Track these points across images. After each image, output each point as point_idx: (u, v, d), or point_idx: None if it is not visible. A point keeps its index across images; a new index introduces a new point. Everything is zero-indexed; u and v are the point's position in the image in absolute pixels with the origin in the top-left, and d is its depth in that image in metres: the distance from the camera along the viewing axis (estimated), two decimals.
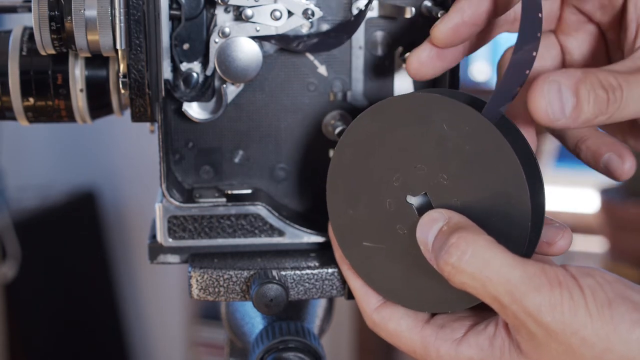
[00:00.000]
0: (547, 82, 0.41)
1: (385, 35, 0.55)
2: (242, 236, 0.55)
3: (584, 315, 0.40)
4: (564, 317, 0.40)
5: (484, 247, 0.42)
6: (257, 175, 0.57)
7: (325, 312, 0.58)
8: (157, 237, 0.55)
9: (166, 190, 0.53)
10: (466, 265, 0.42)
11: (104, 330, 2.26)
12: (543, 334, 0.41)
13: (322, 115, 0.56)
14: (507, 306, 0.41)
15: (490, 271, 0.41)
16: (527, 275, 0.41)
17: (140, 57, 0.50)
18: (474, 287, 0.42)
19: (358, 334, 2.16)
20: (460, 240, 0.42)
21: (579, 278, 0.41)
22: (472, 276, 0.41)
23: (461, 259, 0.42)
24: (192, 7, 0.52)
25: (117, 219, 2.30)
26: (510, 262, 0.41)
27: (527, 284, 0.40)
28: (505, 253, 0.42)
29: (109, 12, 0.49)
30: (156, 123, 0.53)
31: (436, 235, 0.44)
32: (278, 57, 0.54)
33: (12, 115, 0.55)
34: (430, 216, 0.45)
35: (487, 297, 0.42)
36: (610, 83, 0.42)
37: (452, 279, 0.42)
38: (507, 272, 0.41)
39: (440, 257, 0.43)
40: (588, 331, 0.40)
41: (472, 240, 0.42)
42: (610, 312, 0.40)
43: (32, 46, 0.53)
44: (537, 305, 0.40)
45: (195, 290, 0.52)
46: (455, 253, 0.42)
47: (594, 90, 0.42)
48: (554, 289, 0.40)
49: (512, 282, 0.41)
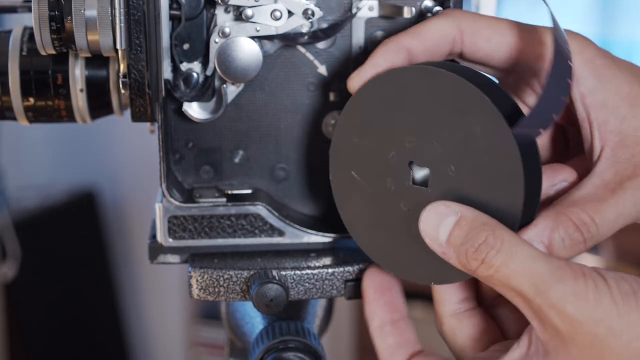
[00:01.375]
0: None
1: (385, 35, 0.55)
2: (242, 236, 0.55)
3: (609, 304, 0.40)
4: (589, 306, 0.40)
5: (509, 242, 0.42)
6: (257, 175, 0.57)
7: (325, 312, 0.58)
8: (157, 237, 0.55)
9: (166, 190, 0.53)
10: (494, 260, 0.42)
11: (104, 330, 2.26)
12: (567, 327, 0.40)
13: (322, 115, 0.56)
14: (532, 299, 0.41)
15: (516, 264, 0.41)
16: (552, 267, 0.41)
17: (141, 57, 0.50)
18: (499, 281, 0.42)
19: (358, 334, 2.16)
20: (489, 237, 0.42)
21: (602, 272, 0.41)
22: (497, 270, 0.41)
23: (490, 254, 0.42)
24: (192, 7, 0.52)
25: (117, 219, 2.30)
26: (535, 255, 0.41)
27: (551, 275, 0.40)
28: (530, 246, 0.42)
29: (109, 12, 0.49)
30: (156, 123, 0.53)
31: (452, 230, 0.43)
32: (278, 57, 0.54)
33: (12, 115, 0.55)
34: (437, 210, 0.44)
35: (512, 291, 0.42)
36: (584, 221, 0.44)
37: (480, 273, 0.42)
38: (532, 264, 0.41)
39: (468, 254, 0.42)
40: (614, 319, 0.39)
41: (499, 235, 0.42)
42: (636, 300, 0.40)
43: (32, 46, 0.53)
44: (561, 296, 0.40)
45: (195, 290, 0.53)
46: (485, 249, 0.42)
47: (568, 236, 0.43)
48: (578, 279, 0.40)
49: (536, 274, 0.41)
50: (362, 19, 0.54)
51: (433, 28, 0.48)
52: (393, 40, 0.48)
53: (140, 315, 2.36)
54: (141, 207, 2.22)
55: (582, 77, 0.46)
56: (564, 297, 0.40)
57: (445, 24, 0.48)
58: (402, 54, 0.48)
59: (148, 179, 1.40)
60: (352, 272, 0.53)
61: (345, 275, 0.53)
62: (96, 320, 2.23)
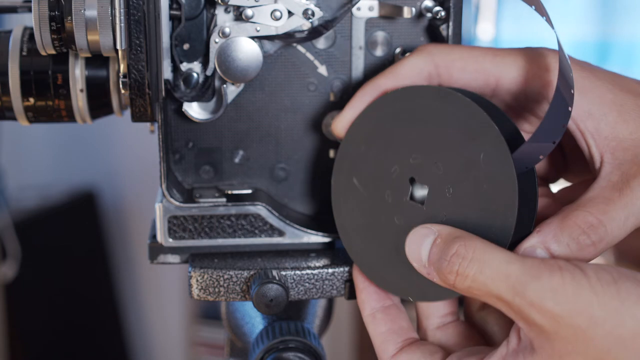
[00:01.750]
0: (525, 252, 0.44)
1: (385, 35, 0.55)
2: (242, 236, 0.55)
3: (589, 294, 0.40)
4: (568, 299, 0.40)
5: (481, 250, 0.42)
6: (257, 175, 0.57)
7: (325, 312, 0.58)
8: (157, 237, 0.55)
9: (166, 190, 0.53)
10: (468, 270, 0.42)
11: (104, 330, 2.26)
12: (550, 323, 0.40)
13: (322, 115, 0.56)
14: (511, 301, 0.41)
15: (491, 270, 0.41)
16: (526, 266, 0.41)
17: (141, 57, 0.50)
18: (479, 290, 0.42)
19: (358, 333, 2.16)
20: (460, 248, 0.43)
21: (580, 264, 0.41)
22: (474, 279, 0.42)
23: (462, 265, 0.42)
24: (193, 7, 0.52)
25: (117, 219, 2.30)
26: (508, 258, 0.42)
27: (526, 274, 0.41)
28: (502, 251, 0.42)
29: (109, 12, 0.49)
30: (156, 123, 0.53)
31: (430, 249, 0.44)
32: (278, 57, 0.55)
33: (12, 115, 0.55)
34: (419, 233, 0.46)
35: (492, 297, 0.42)
36: (590, 223, 0.44)
37: (458, 285, 0.43)
38: (506, 267, 0.41)
39: (443, 268, 0.43)
40: (595, 309, 0.39)
41: (470, 245, 0.43)
42: (617, 288, 0.40)
43: (32, 46, 0.54)
44: (538, 293, 0.40)
45: (195, 290, 0.53)
46: (456, 261, 0.42)
47: (573, 239, 0.43)
48: (554, 274, 0.40)
49: (511, 276, 0.41)
50: (362, 19, 0.54)
51: (407, 67, 0.50)
52: (370, 82, 0.50)
53: (140, 315, 2.36)
54: (141, 207, 2.22)
55: None
56: (542, 294, 0.40)
57: (419, 61, 0.50)
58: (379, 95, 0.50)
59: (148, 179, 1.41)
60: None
61: (345, 275, 0.53)
62: (96, 320, 2.23)
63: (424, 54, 0.50)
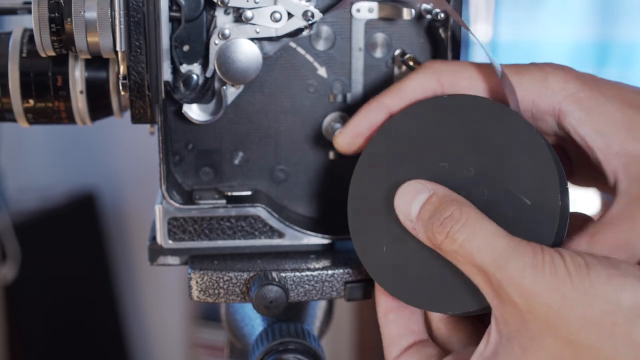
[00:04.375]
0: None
1: (384, 36, 0.55)
2: (242, 238, 0.55)
3: (563, 274, 0.40)
4: (544, 278, 0.40)
5: (474, 218, 0.43)
6: (256, 176, 0.57)
7: (325, 314, 0.59)
8: (157, 238, 0.55)
9: (166, 191, 0.53)
10: (458, 235, 0.43)
11: (103, 331, 2.26)
12: (524, 300, 0.41)
13: (322, 117, 0.56)
14: (492, 275, 0.42)
15: (479, 240, 0.42)
16: (512, 243, 0.42)
17: (140, 59, 0.50)
18: (463, 256, 0.43)
19: (358, 335, 2.16)
20: (455, 211, 0.43)
21: (560, 250, 0.42)
22: (461, 245, 0.42)
23: (454, 228, 0.43)
24: (192, 9, 0.52)
25: (117, 221, 2.30)
26: (498, 232, 0.42)
27: (511, 250, 0.41)
28: (493, 224, 0.43)
29: (108, 14, 0.49)
30: (156, 124, 0.53)
31: (423, 205, 0.45)
32: (278, 59, 0.55)
33: (12, 117, 0.55)
34: (412, 186, 0.46)
35: (474, 267, 0.42)
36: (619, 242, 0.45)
37: (444, 247, 0.43)
38: (494, 240, 0.42)
39: (434, 227, 0.44)
40: (567, 288, 0.40)
41: (465, 211, 0.43)
42: (588, 270, 0.40)
43: (32, 48, 0.54)
44: (519, 269, 0.41)
45: (195, 292, 0.53)
46: (449, 223, 0.43)
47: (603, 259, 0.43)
48: (537, 254, 0.41)
49: (497, 249, 0.42)
50: (362, 20, 0.54)
51: (412, 85, 0.50)
52: (375, 99, 0.50)
53: (140, 316, 2.36)
54: (141, 209, 2.22)
55: (568, 111, 0.47)
56: (522, 270, 0.41)
57: (424, 79, 0.49)
58: (383, 113, 0.50)
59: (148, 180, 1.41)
60: (352, 273, 0.53)
61: (345, 277, 0.53)
62: (96, 321, 2.23)
63: (429, 71, 0.49)
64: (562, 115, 0.47)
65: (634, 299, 0.40)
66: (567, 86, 0.47)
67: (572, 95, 0.47)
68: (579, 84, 0.47)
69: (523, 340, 0.42)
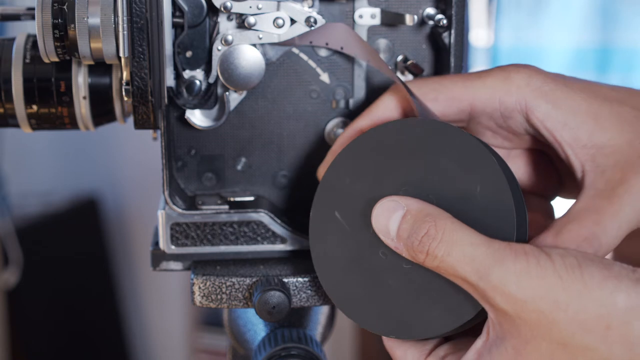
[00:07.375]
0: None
1: (387, 42, 0.55)
2: (244, 243, 0.55)
3: (553, 278, 0.40)
4: (532, 284, 0.40)
5: (450, 230, 0.42)
6: (259, 182, 0.57)
7: (327, 319, 0.58)
8: (160, 244, 0.55)
9: (169, 197, 0.54)
10: (437, 251, 0.42)
11: (106, 336, 2.26)
12: (512, 307, 0.40)
13: (325, 123, 0.56)
14: (476, 285, 0.41)
15: (457, 252, 0.42)
16: (491, 250, 0.41)
17: (143, 65, 0.50)
18: (446, 270, 0.43)
19: (360, 340, 2.16)
20: (431, 228, 0.43)
21: (545, 249, 0.41)
22: (442, 260, 0.42)
23: (432, 245, 0.43)
24: (195, 15, 0.52)
25: (120, 226, 2.30)
26: (475, 241, 0.42)
27: (491, 258, 0.41)
28: (472, 233, 0.42)
29: (112, 20, 0.49)
30: (159, 130, 0.53)
31: (400, 224, 0.44)
32: (280, 64, 0.55)
33: (15, 123, 0.55)
34: (386, 205, 0.45)
35: (459, 279, 0.42)
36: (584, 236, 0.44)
37: (427, 264, 0.43)
38: (472, 251, 0.41)
39: (414, 247, 0.43)
40: (559, 292, 0.39)
41: (440, 226, 0.43)
42: (581, 271, 0.40)
43: (35, 54, 0.54)
44: (502, 278, 0.40)
45: (197, 297, 0.53)
46: (427, 242, 0.43)
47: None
48: (519, 258, 0.40)
49: (477, 259, 0.41)
50: (365, 26, 0.54)
51: (381, 107, 0.51)
52: (349, 126, 0.52)
53: (142, 322, 2.36)
54: (143, 214, 2.22)
55: (534, 106, 0.47)
56: (505, 278, 0.40)
57: (391, 100, 0.51)
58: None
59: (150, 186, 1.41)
60: None
61: None
62: (98, 326, 2.23)
63: (395, 91, 0.51)
64: (530, 111, 0.47)
65: (629, 300, 0.39)
66: (532, 81, 0.47)
67: (537, 89, 0.47)
68: (543, 78, 0.47)
69: (516, 342, 0.42)
